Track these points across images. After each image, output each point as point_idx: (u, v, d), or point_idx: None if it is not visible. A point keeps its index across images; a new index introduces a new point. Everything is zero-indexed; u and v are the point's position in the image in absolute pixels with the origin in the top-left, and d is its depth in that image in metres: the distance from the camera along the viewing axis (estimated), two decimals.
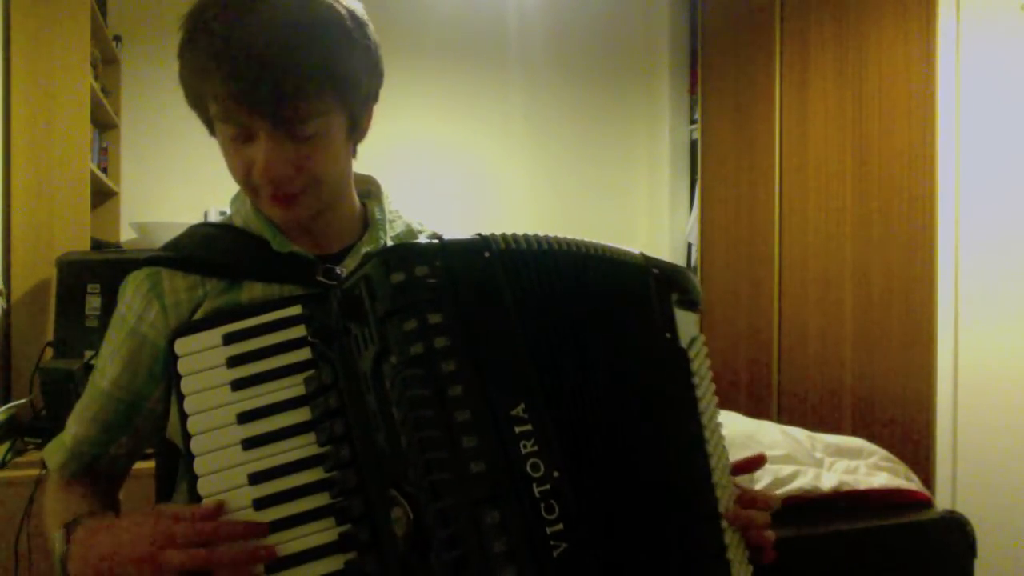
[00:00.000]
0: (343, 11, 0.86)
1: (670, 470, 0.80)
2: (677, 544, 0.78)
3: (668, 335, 0.84)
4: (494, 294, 0.75)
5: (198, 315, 0.90)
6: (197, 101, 0.89)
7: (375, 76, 0.92)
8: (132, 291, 0.93)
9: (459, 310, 0.72)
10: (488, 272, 0.75)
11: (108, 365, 0.93)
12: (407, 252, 0.74)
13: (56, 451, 0.96)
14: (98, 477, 0.97)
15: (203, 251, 0.94)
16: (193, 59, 0.86)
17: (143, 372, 0.92)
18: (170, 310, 0.91)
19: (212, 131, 0.93)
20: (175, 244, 0.96)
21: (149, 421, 0.94)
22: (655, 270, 0.86)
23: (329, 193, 0.93)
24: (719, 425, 0.87)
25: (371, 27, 0.91)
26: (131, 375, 0.92)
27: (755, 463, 0.92)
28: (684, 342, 0.86)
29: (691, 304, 0.89)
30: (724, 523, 0.81)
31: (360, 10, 0.90)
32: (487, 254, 0.76)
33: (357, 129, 0.94)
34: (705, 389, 0.86)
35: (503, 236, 0.78)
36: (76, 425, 0.95)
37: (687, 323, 0.87)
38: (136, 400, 0.93)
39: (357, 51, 0.87)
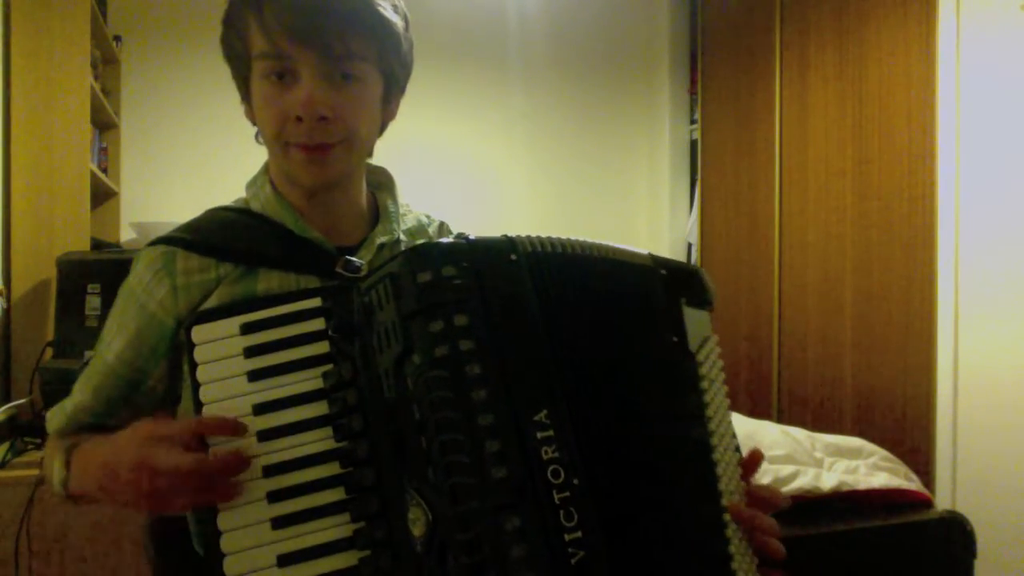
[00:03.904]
0: None
1: (675, 479, 0.79)
2: (682, 554, 0.77)
3: (675, 339, 0.82)
4: (520, 297, 0.73)
5: (212, 301, 0.90)
6: (241, 43, 0.90)
7: (409, 53, 0.96)
8: (144, 266, 0.93)
9: (485, 312, 0.71)
10: (514, 275, 0.74)
11: (114, 338, 0.93)
12: (434, 251, 0.73)
13: (57, 415, 0.96)
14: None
15: (220, 235, 0.94)
16: None
17: (147, 349, 0.92)
18: (180, 291, 0.90)
19: (245, 96, 0.94)
20: (192, 226, 0.96)
21: (149, 400, 0.94)
22: (663, 271, 0.84)
23: (356, 157, 0.94)
24: (729, 427, 0.85)
25: (408, 16, 0.95)
26: (135, 351, 0.92)
27: (754, 463, 0.89)
28: (694, 344, 0.83)
29: (702, 303, 0.87)
30: (730, 532, 0.80)
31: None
32: (513, 256, 0.75)
33: (388, 103, 0.96)
34: (715, 392, 0.84)
35: (528, 238, 0.77)
36: (79, 393, 0.95)
37: (698, 323, 0.85)
38: (137, 377, 0.93)
39: (399, 16, 0.92)
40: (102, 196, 3.19)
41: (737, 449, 0.87)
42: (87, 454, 0.84)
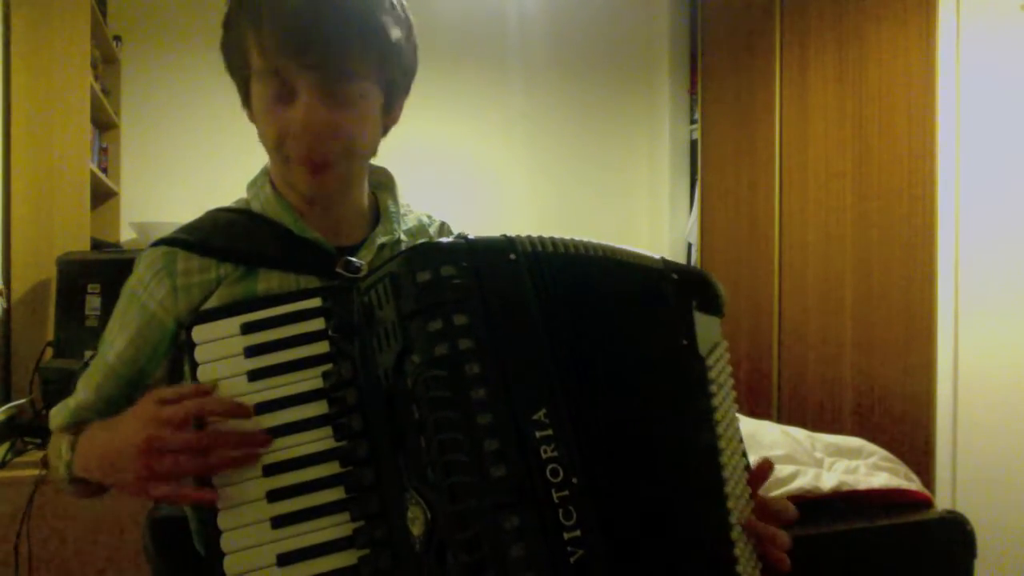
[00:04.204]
0: None
1: (680, 479, 0.79)
2: (686, 555, 0.77)
3: (685, 341, 0.83)
4: (519, 297, 0.74)
5: (212, 301, 0.90)
6: (239, 57, 0.89)
7: (412, 60, 0.94)
8: (145, 266, 0.93)
9: (485, 312, 0.71)
10: (513, 274, 0.74)
11: (116, 338, 0.94)
12: (433, 251, 0.74)
13: (60, 412, 0.97)
14: None
15: (221, 235, 0.94)
16: (243, 5, 0.86)
17: (148, 349, 0.93)
18: (180, 291, 0.91)
19: (246, 101, 0.93)
20: (193, 227, 0.96)
21: None
22: (674, 275, 0.85)
23: (352, 168, 0.94)
24: (737, 432, 0.86)
25: (411, 18, 0.93)
26: (136, 351, 0.93)
27: (763, 473, 0.90)
28: (704, 348, 0.84)
29: (713, 309, 0.88)
30: (735, 535, 0.80)
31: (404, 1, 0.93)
32: (512, 256, 0.75)
33: (390, 111, 0.95)
34: (723, 397, 0.85)
35: (528, 238, 0.77)
36: (82, 391, 0.96)
37: (708, 328, 0.86)
38: (138, 376, 0.94)
39: (400, 26, 0.90)
40: (102, 196, 3.19)
41: (744, 455, 0.88)
42: (92, 436, 0.85)
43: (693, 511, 0.79)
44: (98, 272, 2.23)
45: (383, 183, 1.07)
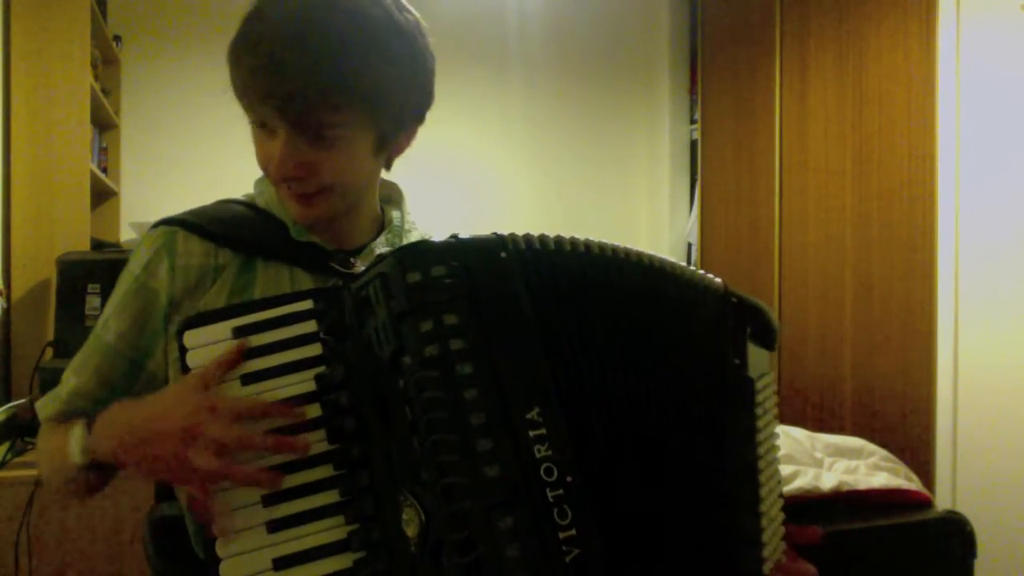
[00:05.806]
0: (388, 25, 0.85)
1: (713, 486, 0.79)
2: (712, 562, 0.77)
3: (737, 360, 0.84)
4: (510, 295, 0.73)
5: (211, 293, 0.91)
6: (234, 86, 0.90)
7: (417, 95, 0.92)
8: (147, 246, 0.93)
9: (476, 311, 0.71)
10: (505, 273, 0.73)
11: (114, 319, 0.92)
12: (423, 251, 0.74)
13: (51, 402, 0.94)
14: None
15: (222, 222, 0.95)
16: (232, 45, 0.86)
17: (149, 328, 0.92)
18: (178, 271, 0.91)
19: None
20: (196, 211, 0.97)
21: (149, 387, 0.92)
22: (734, 299, 0.87)
23: (345, 200, 0.94)
24: (775, 460, 0.87)
25: (422, 42, 0.90)
26: (138, 330, 0.92)
27: (809, 535, 0.91)
28: (753, 372, 0.85)
29: (766, 342, 0.89)
30: (766, 552, 0.80)
31: (411, 24, 0.89)
32: (503, 254, 0.74)
33: (388, 146, 0.94)
34: (767, 422, 0.86)
35: (524, 236, 0.76)
36: (75, 377, 0.93)
37: (758, 358, 0.87)
38: (140, 358, 0.92)
39: (394, 69, 0.86)
40: (102, 196, 3.19)
41: (780, 482, 0.88)
42: (119, 414, 0.81)
43: (723, 521, 0.79)
44: (98, 272, 2.23)
45: (392, 198, 1.08)
